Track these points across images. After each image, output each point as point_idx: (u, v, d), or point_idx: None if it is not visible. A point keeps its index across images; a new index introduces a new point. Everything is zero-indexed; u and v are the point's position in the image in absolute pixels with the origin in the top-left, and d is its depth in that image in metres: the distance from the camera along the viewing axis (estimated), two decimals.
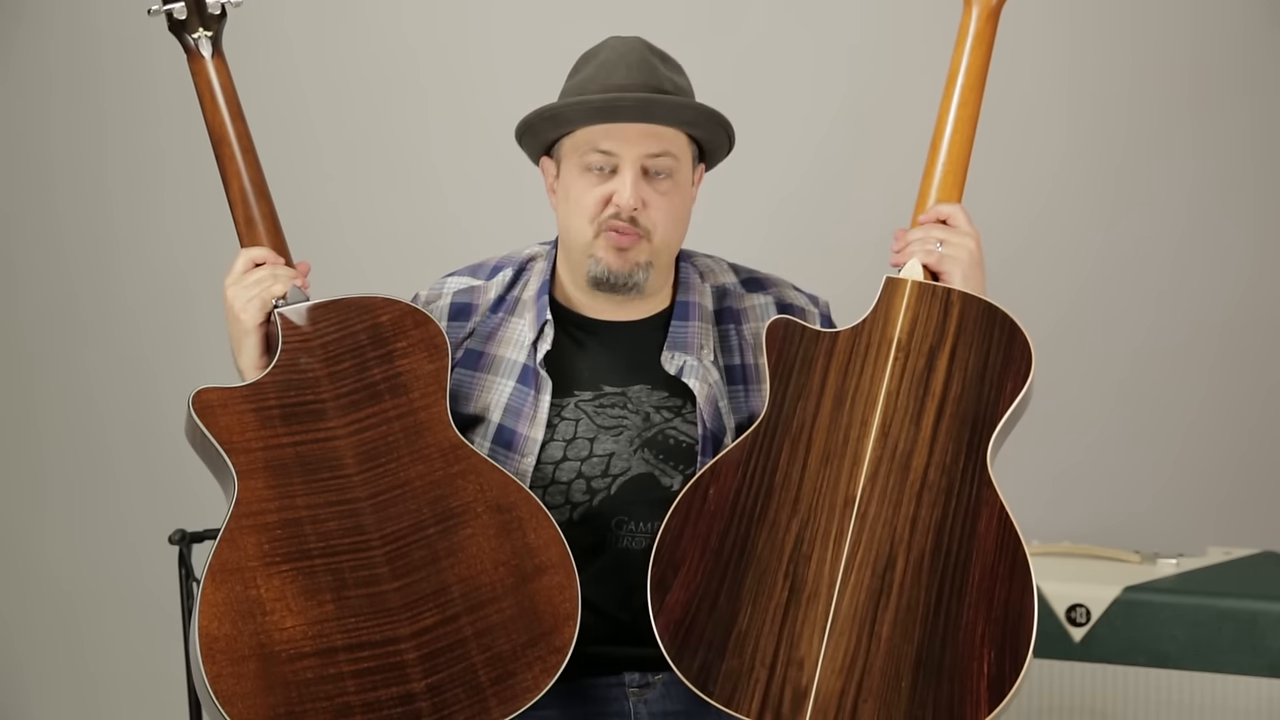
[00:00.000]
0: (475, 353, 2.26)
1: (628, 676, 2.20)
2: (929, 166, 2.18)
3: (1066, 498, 3.61)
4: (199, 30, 2.16)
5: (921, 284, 2.12)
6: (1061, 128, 3.67)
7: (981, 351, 2.07)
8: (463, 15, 3.71)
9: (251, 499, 2.02)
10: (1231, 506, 3.66)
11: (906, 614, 1.97)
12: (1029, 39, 3.61)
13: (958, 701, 1.94)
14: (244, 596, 1.97)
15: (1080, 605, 2.81)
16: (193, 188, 3.61)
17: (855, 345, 2.11)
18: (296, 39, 3.70)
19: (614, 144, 2.16)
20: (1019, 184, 3.62)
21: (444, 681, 1.99)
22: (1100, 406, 3.68)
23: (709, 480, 2.07)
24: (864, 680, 1.96)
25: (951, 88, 2.18)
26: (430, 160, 3.73)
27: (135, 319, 3.75)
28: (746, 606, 2.01)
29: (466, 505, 2.07)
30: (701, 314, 2.28)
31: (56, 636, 3.79)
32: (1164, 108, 3.65)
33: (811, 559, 2.02)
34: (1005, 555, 1.98)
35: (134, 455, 3.76)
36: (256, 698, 1.93)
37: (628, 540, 2.20)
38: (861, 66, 3.67)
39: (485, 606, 2.02)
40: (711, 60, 2.44)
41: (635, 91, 2.15)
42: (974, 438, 2.04)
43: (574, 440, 2.21)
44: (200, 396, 2.06)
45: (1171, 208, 3.67)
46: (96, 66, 3.70)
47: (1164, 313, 3.69)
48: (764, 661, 1.98)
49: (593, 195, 2.17)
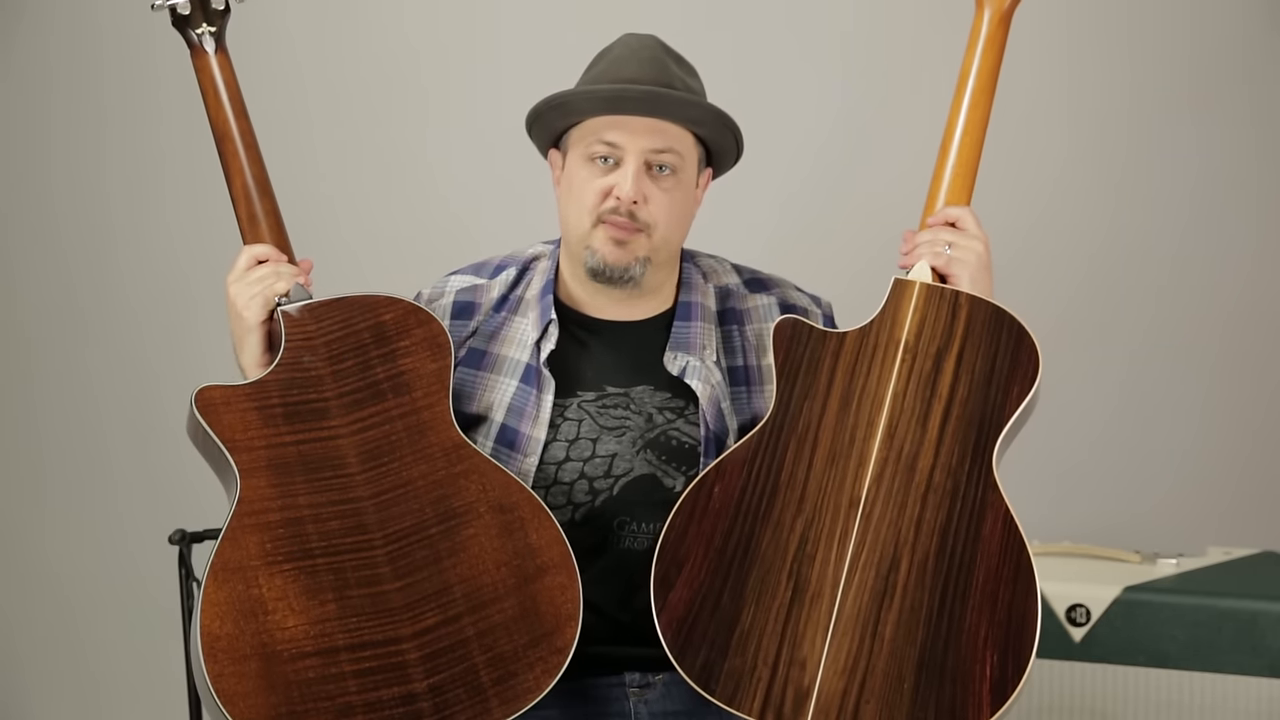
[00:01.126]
0: (478, 352, 2.25)
1: (628, 676, 2.20)
2: (938, 169, 2.18)
3: (1067, 498, 3.61)
4: (202, 25, 2.15)
5: (930, 286, 2.11)
6: (1062, 128, 3.67)
7: (989, 355, 2.07)
8: (464, 14, 3.71)
9: (254, 498, 2.01)
10: (1231, 506, 3.66)
11: (910, 615, 1.97)
12: (1029, 39, 3.58)
13: (960, 704, 1.94)
14: (246, 596, 1.96)
15: (1080, 605, 2.81)
16: (193, 186, 3.61)
17: (863, 346, 2.10)
18: (298, 37, 3.69)
19: (619, 136, 2.16)
20: (1021, 184, 3.62)
21: (445, 682, 1.99)
22: (1101, 406, 3.68)
23: (714, 478, 2.07)
24: (866, 681, 1.96)
25: (962, 90, 2.18)
26: (432, 159, 3.73)
27: (135, 318, 3.75)
28: (750, 605, 2.01)
29: (469, 505, 2.06)
30: (704, 314, 2.28)
31: (56, 636, 3.79)
32: (1165, 108, 3.66)
33: (815, 559, 2.02)
34: (1009, 558, 1.97)
35: (134, 455, 3.76)
36: (258, 697, 1.93)
37: (630, 541, 2.20)
38: (867, 68, 3.67)
39: (487, 607, 2.02)
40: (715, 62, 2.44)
41: (645, 85, 2.15)
42: (980, 440, 2.03)
43: (577, 441, 2.21)
44: (203, 394, 2.05)
45: (1173, 208, 3.68)
46: (97, 64, 3.69)
47: (1165, 313, 3.69)
48: (766, 661, 1.98)
49: (594, 186, 2.17)
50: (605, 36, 2.28)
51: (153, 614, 3.52)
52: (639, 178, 2.15)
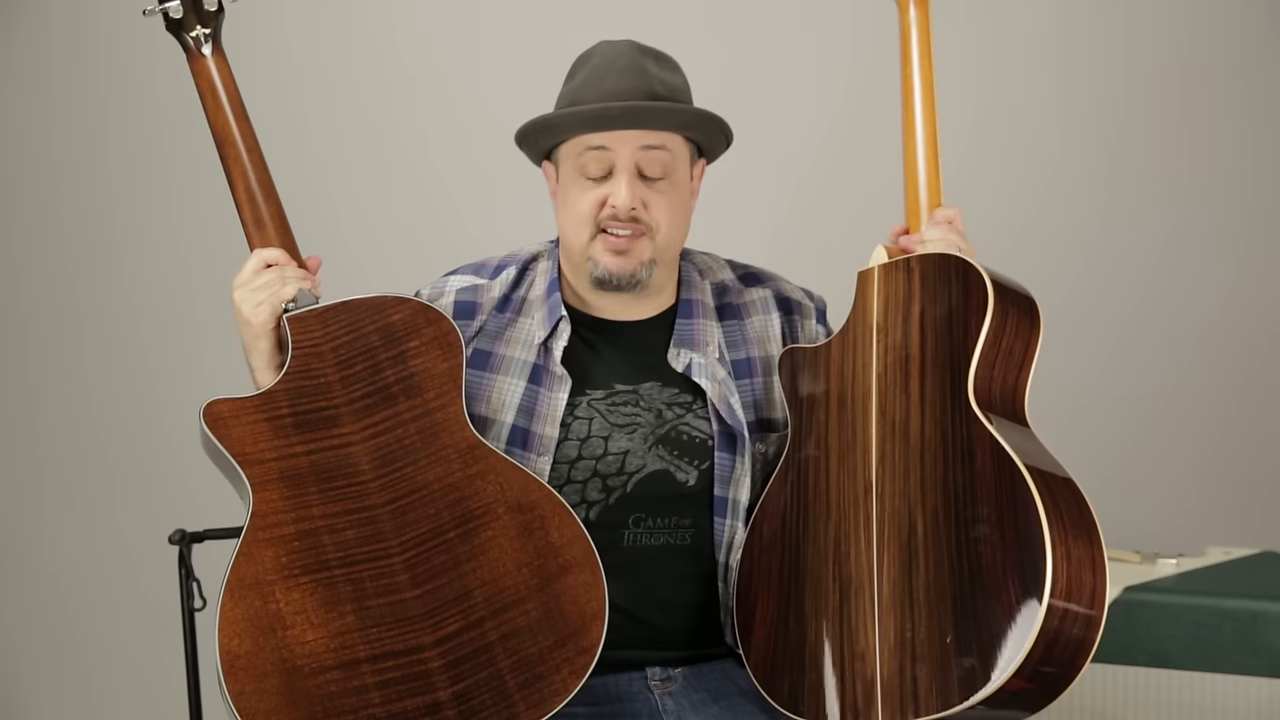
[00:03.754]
0: (483, 353, 2.23)
1: (649, 671, 2.19)
2: (910, 177, 2.22)
3: None
4: (197, 28, 2.11)
5: (885, 265, 2.17)
6: (1058, 127, 3.67)
7: (944, 300, 2.09)
8: (464, 13, 3.68)
9: (267, 511, 1.98)
10: (1231, 506, 3.66)
11: (936, 573, 1.97)
12: (1026, 39, 3.63)
13: (998, 636, 1.90)
14: (264, 611, 1.94)
15: None
16: (193, 189, 3.59)
17: (845, 345, 2.17)
18: (295, 38, 3.67)
19: (607, 139, 2.16)
20: (1015, 183, 3.62)
21: (470, 689, 1.96)
22: (1100, 406, 3.68)
23: (760, 518, 2.18)
24: (915, 649, 1.96)
25: (910, 92, 2.22)
26: (432, 158, 3.71)
27: (135, 320, 3.73)
28: (811, 620, 2.08)
29: (487, 506, 2.03)
30: (705, 311, 2.29)
31: (56, 637, 3.78)
32: (1161, 107, 3.65)
33: (850, 555, 2.06)
34: (1004, 481, 1.95)
35: (134, 455, 3.74)
36: (281, 714, 1.91)
37: (646, 537, 2.20)
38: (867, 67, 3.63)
39: (510, 609, 2.00)
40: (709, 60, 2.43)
41: (626, 99, 2.14)
42: (954, 382, 2.04)
43: (589, 439, 2.20)
44: (211, 409, 2.01)
45: (1169, 208, 3.67)
46: (96, 67, 3.66)
47: (1164, 312, 3.68)
48: (834, 665, 2.04)
49: (589, 198, 2.17)
50: (607, 35, 2.26)
51: (152, 615, 3.50)
52: (632, 184, 2.15)
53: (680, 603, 2.21)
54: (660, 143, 2.17)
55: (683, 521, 2.21)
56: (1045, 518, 1.90)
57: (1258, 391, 3.68)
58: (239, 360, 2.20)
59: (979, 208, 2.18)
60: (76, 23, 3.64)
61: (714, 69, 2.36)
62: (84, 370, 3.73)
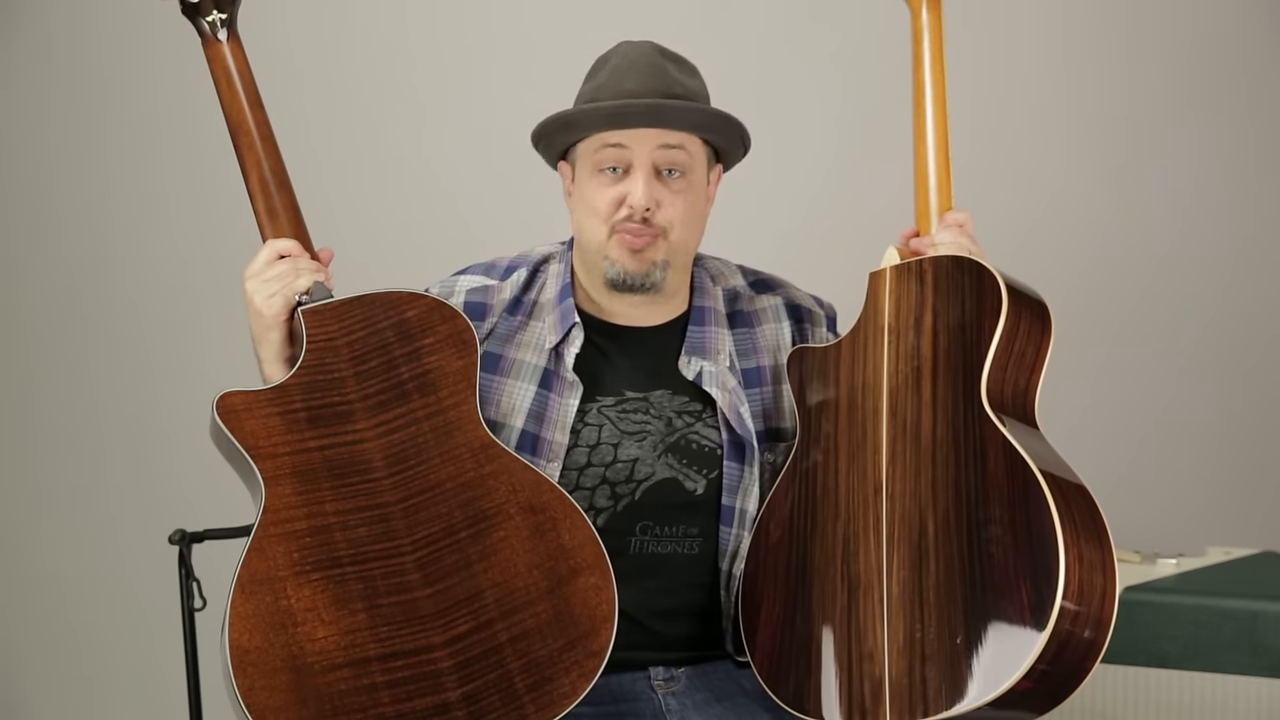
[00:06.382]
0: (493, 355, 2.22)
1: (652, 671, 2.19)
2: (920, 181, 2.23)
3: None
4: (213, 12, 2.08)
5: (898, 266, 2.17)
6: (1061, 128, 3.68)
7: (957, 302, 2.09)
8: (464, 12, 3.68)
9: (279, 506, 1.96)
10: (1231, 506, 3.66)
11: (946, 574, 1.97)
12: (1027, 40, 3.64)
13: (1008, 639, 1.90)
14: (275, 607, 1.92)
15: None
16: (194, 186, 3.58)
17: (855, 345, 2.17)
18: (301, 34, 3.66)
19: (625, 137, 2.16)
20: (1020, 185, 3.62)
21: (479, 690, 1.95)
22: (1100, 407, 3.68)
23: (767, 517, 2.18)
24: (925, 650, 1.96)
25: (922, 95, 2.23)
26: (433, 158, 3.70)
27: (136, 318, 3.71)
28: (817, 619, 2.07)
29: (499, 507, 2.02)
30: (716, 319, 2.29)
31: (56, 636, 3.75)
32: (1164, 108, 3.66)
33: (859, 554, 2.06)
34: (1017, 482, 1.95)
35: (134, 455, 3.72)
36: (290, 711, 1.89)
37: (653, 545, 2.19)
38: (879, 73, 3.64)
39: (520, 611, 1.98)
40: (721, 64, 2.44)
41: (646, 97, 2.15)
42: (967, 384, 2.04)
43: (598, 446, 2.19)
44: (224, 400, 1.99)
45: (1173, 207, 3.68)
46: (96, 66, 3.65)
47: (1165, 313, 3.69)
48: (842, 665, 2.03)
49: (606, 196, 2.17)
50: (608, 37, 2.27)
51: (152, 614, 3.48)
52: (649, 183, 2.15)
53: (684, 611, 2.21)
54: (679, 142, 2.17)
55: (690, 530, 2.21)
56: (1058, 520, 1.89)
57: (1259, 391, 3.69)
58: (241, 360, 2.19)
59: (981, 208, 2.19)
60: (76, 22, 3.64)
61: (727, 73, 2.36)
62: (84, 370, 3.71)
